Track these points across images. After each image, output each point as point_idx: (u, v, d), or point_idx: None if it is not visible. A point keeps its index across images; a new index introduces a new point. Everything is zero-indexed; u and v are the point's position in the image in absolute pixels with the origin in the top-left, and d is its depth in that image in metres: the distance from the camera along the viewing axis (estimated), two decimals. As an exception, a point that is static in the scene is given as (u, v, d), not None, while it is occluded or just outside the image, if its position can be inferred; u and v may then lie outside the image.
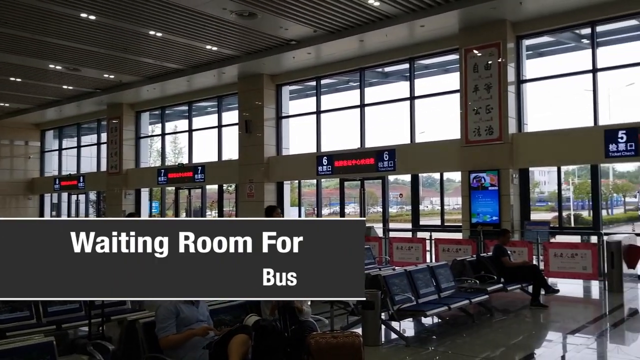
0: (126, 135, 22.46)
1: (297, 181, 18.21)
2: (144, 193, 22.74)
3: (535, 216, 14.56)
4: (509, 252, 9.62)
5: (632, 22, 12.50)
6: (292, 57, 15.79)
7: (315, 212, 17.73)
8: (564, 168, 13.73)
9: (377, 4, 12.27)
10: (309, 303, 5.81)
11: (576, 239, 12.66)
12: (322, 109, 17.20)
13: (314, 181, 17.60)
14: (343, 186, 16.77)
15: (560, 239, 12.29)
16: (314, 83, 17.38)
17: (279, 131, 18.01)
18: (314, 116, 17.27)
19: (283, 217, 7.12)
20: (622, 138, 11.51)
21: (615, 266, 10.11)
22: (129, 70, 18.14)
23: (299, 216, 18.04)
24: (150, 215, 22.81)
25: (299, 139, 18.20)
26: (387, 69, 16.59)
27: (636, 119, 11.62)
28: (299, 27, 13.73)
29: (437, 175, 15.56)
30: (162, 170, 21.42)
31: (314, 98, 17.36)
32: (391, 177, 16.11)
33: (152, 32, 14.27)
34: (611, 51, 13.11)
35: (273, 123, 17.94)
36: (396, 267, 9.04)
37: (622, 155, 11.67)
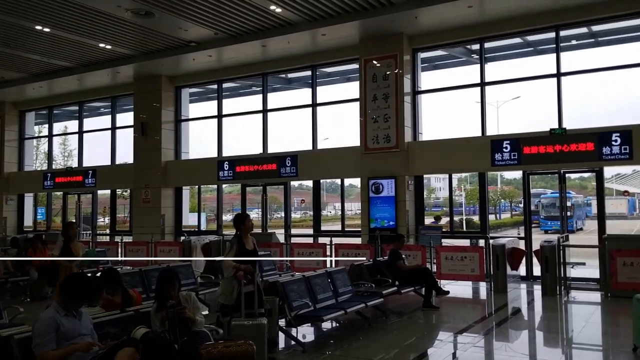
0: (8, 136, 20.73)
1: (197, 187, 17.73)
2: (28, 198, 21.08)
3: (430, 221, 15.26)
4: (403, 256, 9.95)
5: (517, 40, 13.49)
6: (192, 59, 15.39)
7: (216, 218, 17.34)
8: (457, 175, 14.49)
9: (278, 10, 12.29)
10: (203, 312, 5.62)
11: (466, 242, 13.37)
12: (224, 112, 16.91)
13: (215, 186, 17.23)
14: (245, 192, 16.55)
15: (451, 242, 12.92)
16: (215, 86, 17.06)
17: (178, 134, 17.47)
18: (215, 120, 16.93)
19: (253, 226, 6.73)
20: (506, 148, 12.35)
21: (499, 268, 10.80)
22: (12, 67, 16.76)
23: (199, 222, 17.55)
24: (35, 222, 21.17)
25: (199, 143, 17.78)
26: (290, 75, 16.65)
27: (519, 130, 12.51)
28: (199, 28, 13.41)
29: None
30: (49, 174, 19.98)
31: (216, 101, 17.03)
32: (295, 183, 16.16)
33: (39, 27, 13.31)
34: (499, 66, 14.06)
35: (172, 126, 17.37)
36: (296, 273, 9.01)
37: (506, 164, 12.52)
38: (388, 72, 13.41)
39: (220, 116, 16.88)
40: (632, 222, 32.86)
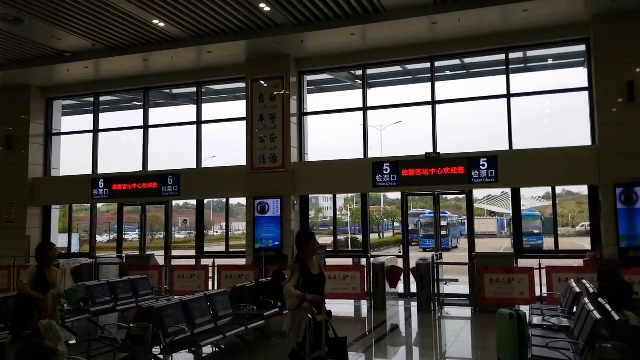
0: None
1: (68, 205, 16.49)
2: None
3: (319, 240, 15.36)
4: (287, 276, 9.88)
5: (398, 68, 14.21)
6: (67, 69, 14.41)
7: (89, 239, 16.18)
8: (343, 195, 14.83)
9: (162, 24, 11.91)
10: (70, 342, 5.18)
11: (349, 261, 13.66)
12: (101, 127, 15.98)
13: (89, 205, 16.13)
14: (122, 211, 15.67)
15: (336, 261, 13.11)
16: (92, 99, 16.08)
17: (48, 149, 16.20)
18: (91, 135, 15.93)
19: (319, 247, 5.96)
20: (386, 170, 12.86)
21: (379, 286, 11.14)
22: None
23: (69, 244, 16.26)
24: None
25: (72, 159, 16.59)
26: (175, 91, 16.16)
27: (402, 152, 13.07)
28: (74, 38, 12.61)
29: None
30: None
31: (92, 115, 16.04)
32: (180, 202, 15.57)
33: None
34: (381, 92, 14.69)
35: (41, 140, 16.08)
36: (175, 297, 8.61)
37: (386, 186, 13.03)
38: (275, 93, 13.48)
39: (96, 131, 15.92)
40: (502, 240, 35.71)
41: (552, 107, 13.41)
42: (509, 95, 12.49)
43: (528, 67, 13.78)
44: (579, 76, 12.27)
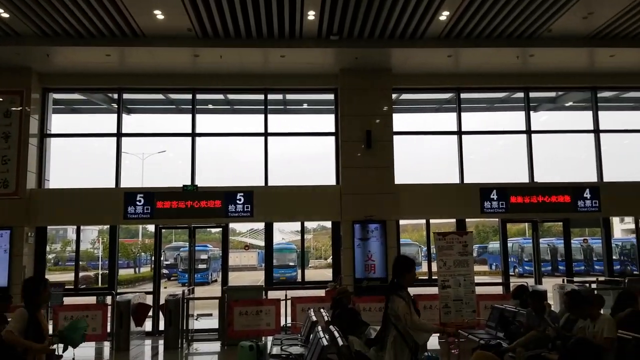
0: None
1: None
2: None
3: (65, 277, 13.73)
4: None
5: (160, 96, 13.78)
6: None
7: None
8: (96, 227, 13.54)
9: None
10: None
11: (93, 299, 12.45)
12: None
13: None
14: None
15: (75, 300, 11.82)
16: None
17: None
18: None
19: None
20: (140, 201, 12.20)
21: (123, 325, 10.33)
22: None
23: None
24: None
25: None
26: None
27: (160, 184, 12.51)
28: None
29: None
30: None
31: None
32: None
33: None
34: (143, 119, 13.98)
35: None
36: None
37: (139, 218, 12.35)
38: (12, 109, 11.84)
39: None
40: (261, 272, 36.68)
41: (308, 147, 14.38)
42: (266, 134, 13.06)
43: (287, 109, 14.67)
44: (330, 122, 13.46)
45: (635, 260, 15.20)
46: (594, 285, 12.33)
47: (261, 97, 13.33)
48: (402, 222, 13.30)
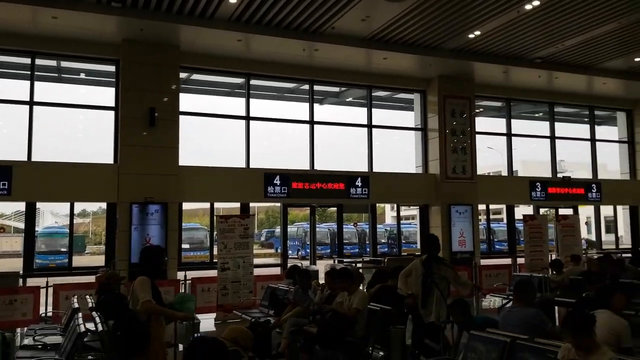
0: None
1: None
2: None
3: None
4: None
5: None
6: None
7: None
8: None
9: None
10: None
11: None
12: None
13: None
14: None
15: None
16: None
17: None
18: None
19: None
20: None
21: None
22: None
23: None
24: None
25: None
26: None
27: None
28: None
29: None
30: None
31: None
32: None
33: None
34: None
35: None
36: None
37: None
38: None
39: None
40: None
41: (85, 122, 13.12)
42: (31, 103, 11.59)
43: (62, 77, 13.21)
44: (109, 95, 12.41)
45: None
46: (359, 265, 13.57)
47: (28, 61, 11.76)
48: (193, 206, 13.14)
